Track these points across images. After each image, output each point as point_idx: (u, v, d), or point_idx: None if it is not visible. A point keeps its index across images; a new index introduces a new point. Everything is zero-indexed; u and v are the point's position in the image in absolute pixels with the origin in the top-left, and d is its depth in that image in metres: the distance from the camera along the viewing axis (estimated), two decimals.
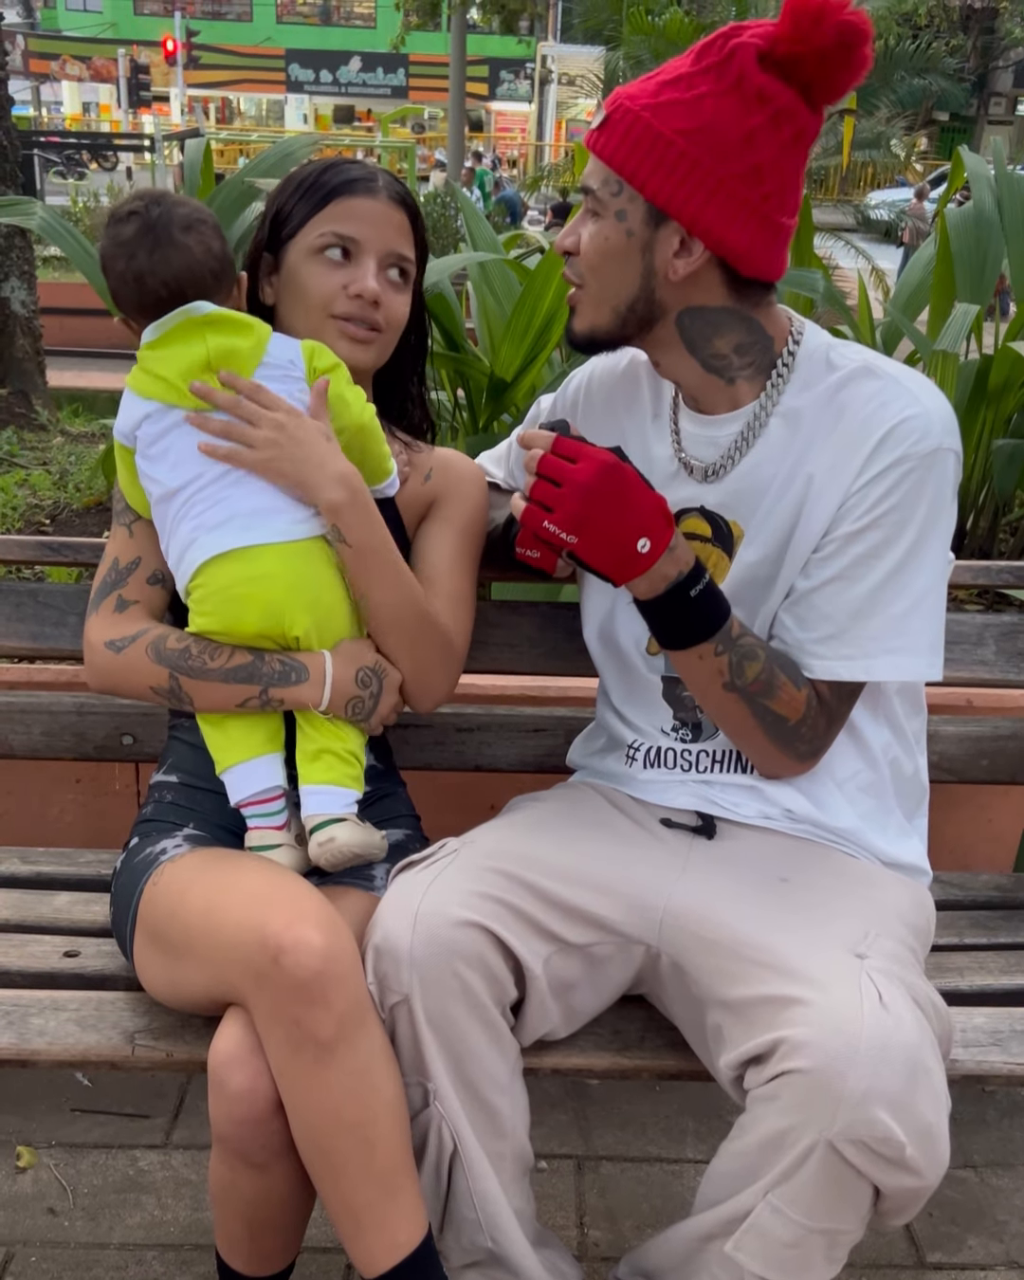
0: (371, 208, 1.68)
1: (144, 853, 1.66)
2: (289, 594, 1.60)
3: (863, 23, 1.43)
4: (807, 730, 1.57)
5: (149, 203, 1.62)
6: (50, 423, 5.39)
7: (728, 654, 1.53)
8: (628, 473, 1.45)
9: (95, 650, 1.68)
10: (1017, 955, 1.89)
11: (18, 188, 5.34)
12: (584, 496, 1.42)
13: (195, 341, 1.60)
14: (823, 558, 1.56)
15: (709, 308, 1.55)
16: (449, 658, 1.74)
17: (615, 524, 1.44)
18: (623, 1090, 2.37)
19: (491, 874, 1.55)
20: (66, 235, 3.37)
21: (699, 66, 1.47)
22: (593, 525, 1.44)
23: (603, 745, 1.83)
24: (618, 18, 11.57)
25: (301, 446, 1.57)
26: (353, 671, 1.64)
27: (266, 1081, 1.42)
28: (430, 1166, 1.53)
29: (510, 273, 3.38)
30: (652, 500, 1.47)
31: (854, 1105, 1.30)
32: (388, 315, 1.70)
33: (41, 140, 19.53)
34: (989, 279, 3.74)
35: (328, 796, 1.63)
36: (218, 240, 1.64)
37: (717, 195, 1.47)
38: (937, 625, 1.57)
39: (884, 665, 1.55)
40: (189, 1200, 2.08)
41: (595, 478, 1.43)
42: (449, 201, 11.49)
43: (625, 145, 1.49)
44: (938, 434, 1.51)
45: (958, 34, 32.54)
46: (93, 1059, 1.59)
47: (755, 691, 1.54)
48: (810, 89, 1.46)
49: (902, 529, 1.52)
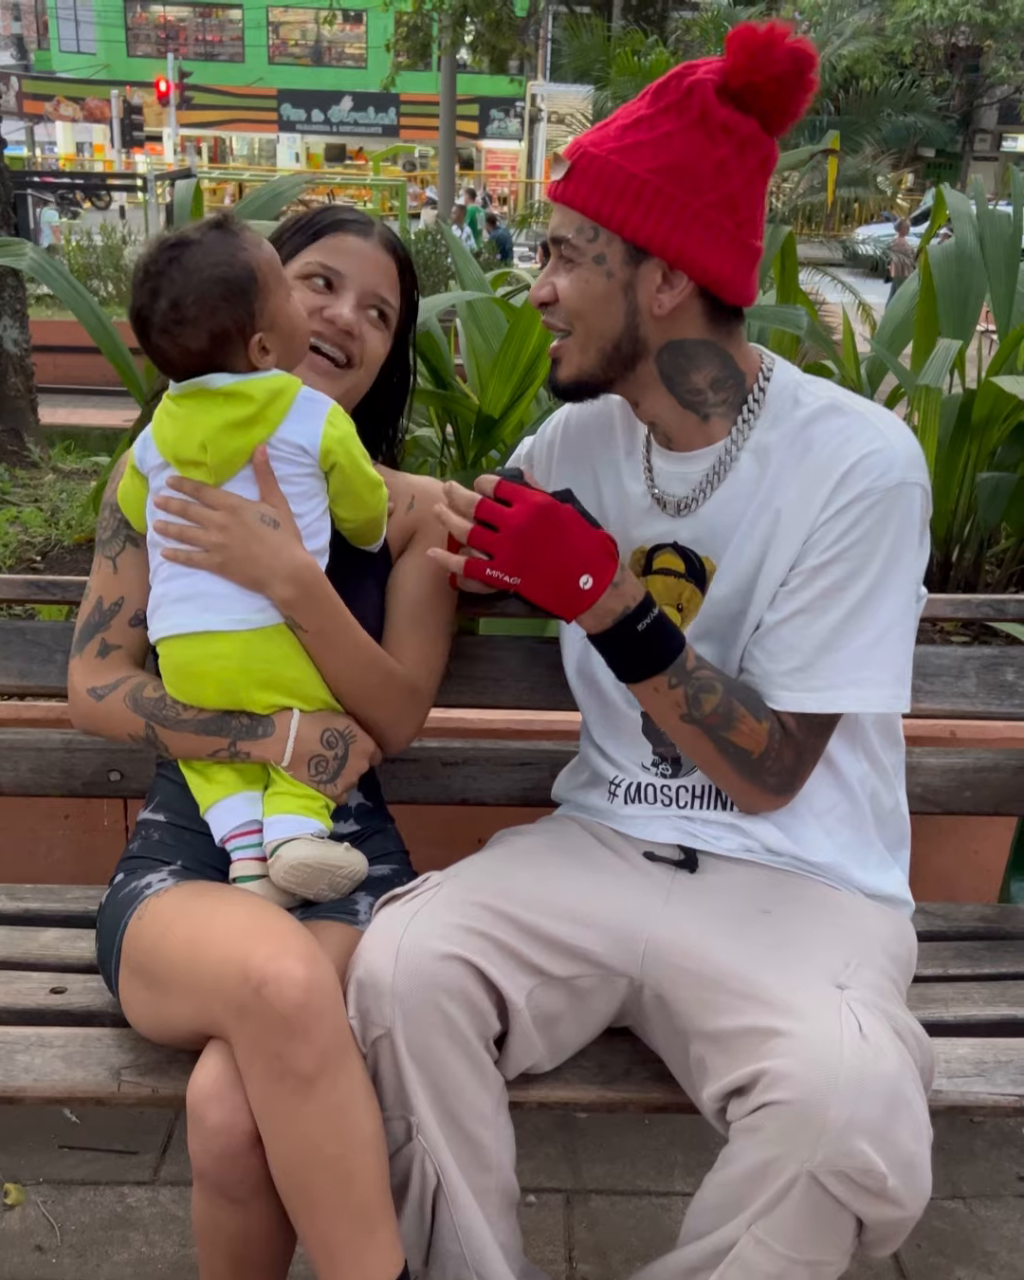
0: (360, 246, 1.72)
1: (128, 888, 1.66)
2: (243, 674, 1.63)
3: (809, 48, 1.49)
4: (772, 763, 1.58)
5: (150, 277, 1.57)
6: (42, 460, 5.41)
7: (683, 686, 1.55)
8: (564, 512, 1.50)
9: (78, 695, 1.73)
10: (1001, 985, 1.89)
11: (10, 228, 5.38)
12: (517, 539, 1.48)
13: (206, 412, 1.60)
14: (789, 590, 1.57)
15: (688, 340, 1.58)
16: (414, 704, 1.76)
17: (555, 563, 1.50)
18: (611, 1123, 2.36)
19: (474, 907, 1.56)
20: (57, 276, 3.39)
21: (658, 107, 1.51)
22: (532, 566, 1.49)
23: (586, 780, 1.84)
24: (605, 58, 11.71)
25: (246, 547, 1.59)
26: (319, 731, 1.66)
27: (245, 1116, 1.42)
28: (414, 1201, 1.52)
29: (498, 311, 3.41)
30: (593, 537, 1.51)
31: (835, 1136, 1.30)
32: (363, 351, 1.72)
33: (35, 180, 19.65)
34: (971, 314, 3.78)
35: (288, 824, 1.64)
36: (198, 337, 1.57)
37: (695, 226, 1.50)
38: (903, 657, 1.58)
39: (849, 697, 1.56)
40: (177, 1237, 2.07)
41: (528, 520, 1.48)
42: (440, 239, 11.59)
43: (598, 190, 1.52)
44: (902, 468, 1.53)
45: (943, 72, 32.97)
46: (79, 1095, 1.59)
47: (713, 724, 1.56)
48: (767, 117, 1.51)
49: (866, 562, 1.53)
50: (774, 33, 1.47)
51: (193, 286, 1.55)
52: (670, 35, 13.44)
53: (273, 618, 1.63)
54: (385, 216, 19.54)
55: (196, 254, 1.57)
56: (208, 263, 1.56)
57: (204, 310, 1.56)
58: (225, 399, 1.60)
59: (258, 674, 1.63)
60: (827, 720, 1.60)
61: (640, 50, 10.67)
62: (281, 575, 1.60)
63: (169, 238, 1.59)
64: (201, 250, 1.57)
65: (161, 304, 1.56)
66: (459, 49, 22.93)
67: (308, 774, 1.65)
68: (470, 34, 20.84)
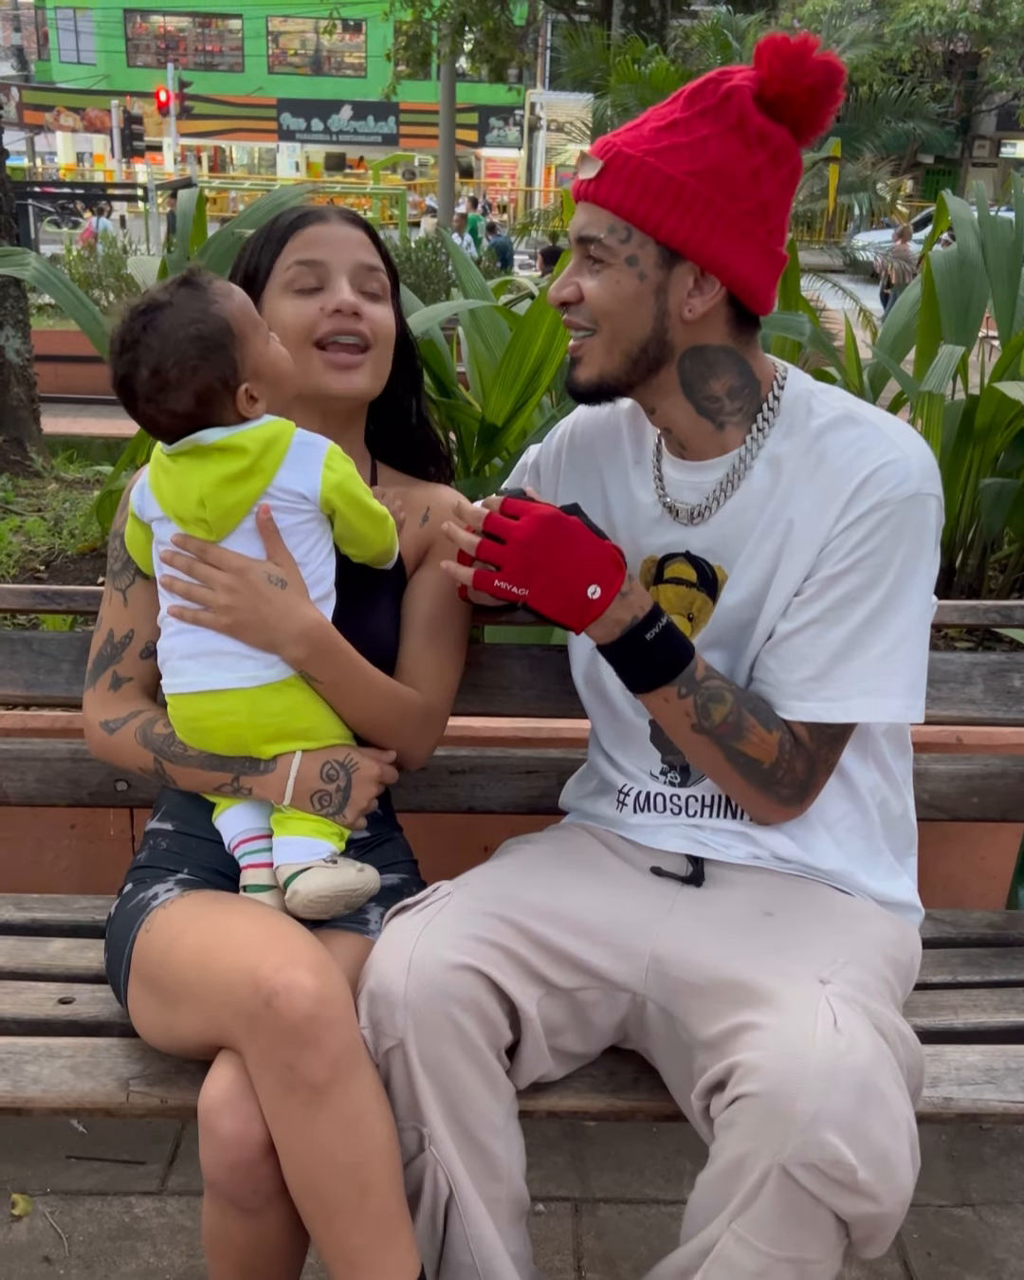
0: (327, 231, 1.71)
1: (137, 898, 1.66)
2: (251, 729, 1.64)
3: (837, 61, 1.50)
4: (783, 774, 1.58)
5: (127, 347, 1.55)
6: (45, 469, 5.41)
7: (693, 696, 1.55)
8: (570, 524, 1.51)
9: (92, 728, 1.75)
10: (1010, 992, 1.89)
11: (12, 238, 5.38)
12: (524, 550, 1.49)
13: (200, 469, 1.59)
14: (804, 600, 1.57)
15: (711, 347, 1.59)
16: (431, 725, 1.77)
17: (561, 573, 1.50)
18: (620, 1132, 2.36)
19: (485, 917, 1.56)
20: (60, 285, 3.39)
21: (693, 111, 1.51)
22: (539, 576, 1.50)
23: (595, 788, 1.84)
24: (605, 66, 11.71)
25: (255, 609, 1.59)
26: (318, 766, 1.65)
27: (257, 1125, 1.42)
28: (426, 1212, 1.52)
29: (500, 319, 3.42)
30: (600, 548, 1.52)
31: (803, 1128, 1.29)
32: (373, 326, 1.70)
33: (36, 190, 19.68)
34: (974, 320, 3.78)
35: (297, 847, 1.64)
36: (183, 399, 1.55)
37: (731, 232, 1.51)
38: (916, 668, 1.58)
39: (860, 706, 1.56)
40: (185, 1247, 2.07)
41: (534, 531, 1.49)
42: (440, 247, 11.59)
43: (633, 191, 1.51)
44: (917, 479, 1.54)
45: (942, 79, 33.03)
46: (87, 1106, 1.59)
47: (723, 733, 1.56)
48: (798, 127, 1.52)
49: (881, 572, 1.53)
50: (806, 43, 1.48)
51: (171, 350, 1.53)
52: (670, 43, 13.44)
53: (283, 672, 1.63)
54: (385, 225, 19.57)
55: (168, 317, 1.54)
56: (181, 323, 1.54)
57: (186, 372, 1.54)
58: (219, 453, 1.58)
59: (266, 728, 1.64)
60: (839, 731, 1.60)
61: (640, 58, 10.66)
62: (292, 637, 1.60)
63: (138, 304, 1.57)
64: (173, 312, 1.55)
65: (142, 373, 1.54)
66: (458, 58, 22.96)
67: (311, 808, 1.65)
68: (469, 43, 20.88)
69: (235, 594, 1.59)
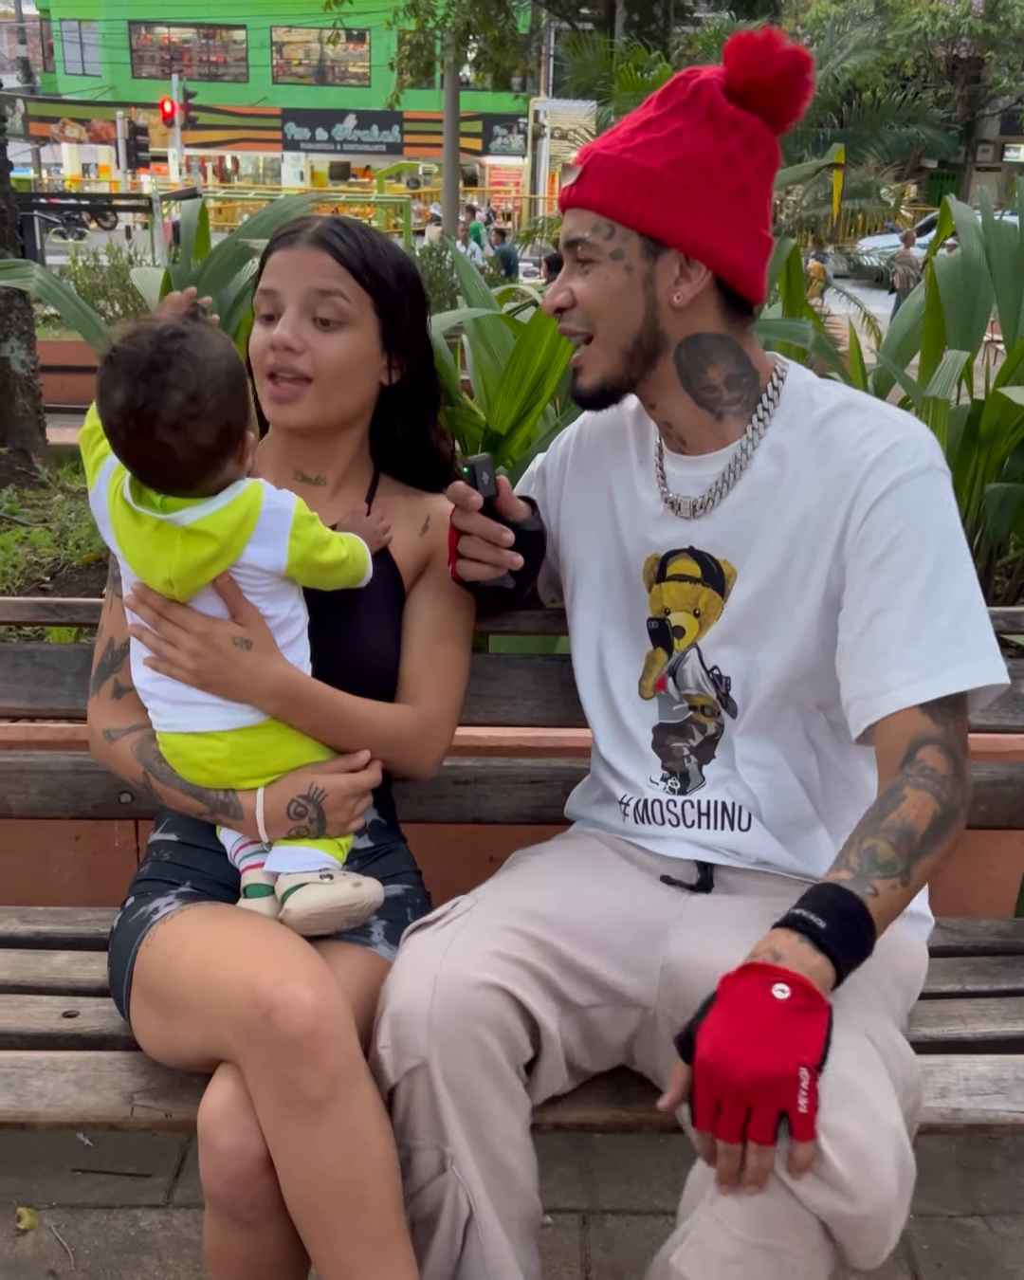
0: (289, 258, 1.65)
1: (138, 913, 1.66)
2: (233, 766, 1.64)
3: (804, 50, 1.53)
4: (946, 794, 1.45)
5: (156, 369, 1.45)
6: (50, 480, 5.42)
7: (887, 896, 1.40)
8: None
9: (95, 734, 1.76)
10: (1019, 1001, 1.87)
11: (17, 250, 5.39)
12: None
13: (168, 548, 1.54)
14: (856, 597, 1.53)
15: (705, 335, 1.59)
16: (433, 739, 1.76)
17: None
18: (626, 1143, 2.35)
19: (506, 932, 1.54)
20: (64, 297, 3.39)
21: (666, 108, 1.55)
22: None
23: (600, 796, 1.84)
24: (608, 74, 11.71)
25: (222, 671, 1.58)
26: (284, 805, 1.64)
27: (256, 1139, 1.41)
28: (445, 1232, 1.50)
29: (504, 327, 3.42)
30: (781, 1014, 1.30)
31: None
32: (316, 360, 1.63)
33: (41, 202, 19.72)
34: (979, 325, 3.77)
35: (293, 857, 1.64)
36: (210, 432, 1.48)
37: (712, 216, 1.53)
38: (987, 629, 1.52)
39: (950, 678, 1.48)
40: (190, 1260, 2.06)
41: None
42: (445, 255, 11.60)
43: (612, 188, 1.53)
44: (928, 455, 1.54)
45: (945, 84, 33.04)
46: (91, 1120, 1.59)
47: (919, 866, 1.43)
48: (770, 114, 1.55)
49: (923, 544, 1.50)
50: (771, 35, 1.51)
51: (208, 378, 1.46)
52: (673, 50, 13.43)
53: (261, 716, 1.63)
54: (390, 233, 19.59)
55: (198, 344, 1.47)
56: (213, 355, 1.48)
57: (220, 403, 1.48)
58: (189, 536, 1.52)
59: (247, 766, 1.64)
60: (950, 704, 1.49)
61: (643, 66, 10.66)
62: (262, 695, 1.60)
63: (158, 328, 1.47)
64: (201, 341, 1.48)
65: (176, 397, 1.45)
66: (462, 66, 22.99)
67: (291, 836, 1.65)
68: (473, 51, 20.89)
69: (200, 658, 1.58)
